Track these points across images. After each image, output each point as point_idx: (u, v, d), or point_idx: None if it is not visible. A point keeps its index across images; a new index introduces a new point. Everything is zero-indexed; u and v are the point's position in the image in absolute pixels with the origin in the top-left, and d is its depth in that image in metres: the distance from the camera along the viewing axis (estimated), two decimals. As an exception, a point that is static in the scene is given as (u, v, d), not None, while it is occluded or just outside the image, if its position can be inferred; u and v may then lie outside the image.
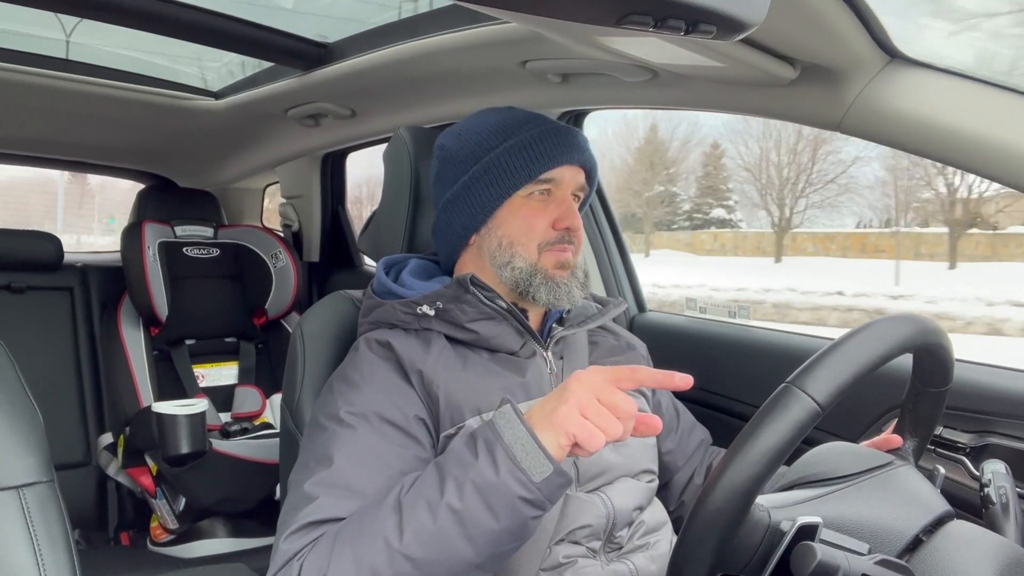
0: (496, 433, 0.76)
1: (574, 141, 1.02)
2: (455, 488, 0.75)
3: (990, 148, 0.93)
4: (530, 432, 0.74)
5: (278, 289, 2.42)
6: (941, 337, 0.77)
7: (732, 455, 0.63)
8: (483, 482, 0.74)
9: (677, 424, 1.20)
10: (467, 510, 0.74)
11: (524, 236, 0.99)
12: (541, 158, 0.99)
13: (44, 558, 0.71)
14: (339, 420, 0.89)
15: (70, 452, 2.13)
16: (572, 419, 0.73)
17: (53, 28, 1.70)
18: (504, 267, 1.00)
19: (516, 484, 0.73)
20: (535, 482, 0.73)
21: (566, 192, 1.02)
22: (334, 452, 0.86)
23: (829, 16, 0.93)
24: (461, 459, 0.76)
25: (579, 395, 0.75)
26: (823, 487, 0.75)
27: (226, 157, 2.49)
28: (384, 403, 0.90)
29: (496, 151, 1.00)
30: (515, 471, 0.73)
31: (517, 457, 0.73)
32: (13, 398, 0.78)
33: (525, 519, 0.75)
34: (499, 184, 0.99)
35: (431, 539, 0.74)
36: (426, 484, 0.77)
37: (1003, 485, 0.83)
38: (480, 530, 0.74)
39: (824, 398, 0.64)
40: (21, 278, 2.18)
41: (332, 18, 1.65)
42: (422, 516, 0.75)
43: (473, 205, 1.01)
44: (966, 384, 1.09)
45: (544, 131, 1.01)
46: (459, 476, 0.75)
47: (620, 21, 0.58)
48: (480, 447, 0.76)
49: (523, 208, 1.00)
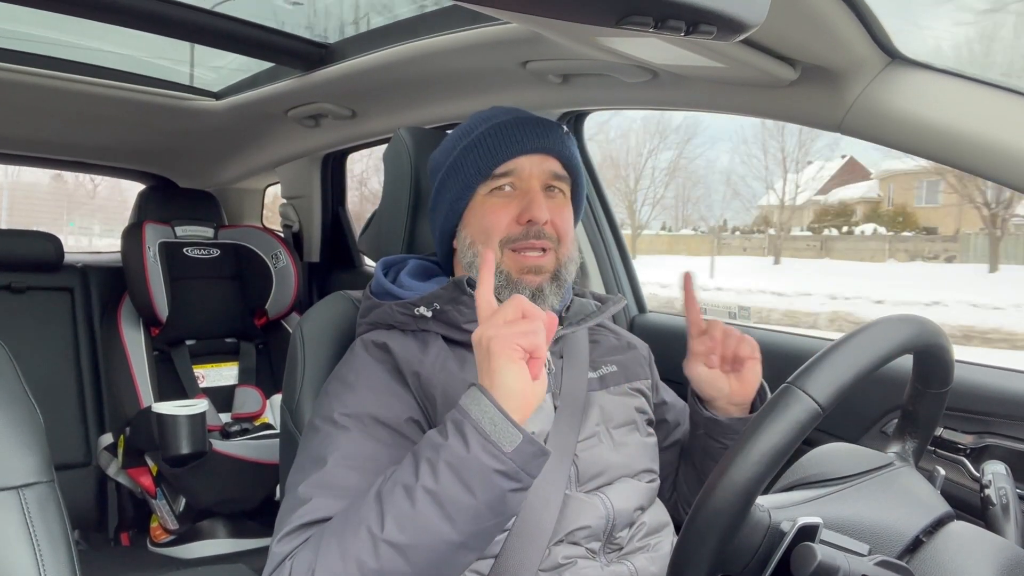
0: (464, 412, 0.76)
1: (530, 129, 1.00)
2: (429, 469, 0.75)
3: (990, 148, 0.93)
4: (496, 405, 0.75)
5: (278, 289, 2.42)
6: (941, 338, 0.77)
7: (732, 455, 0.63)
8: (455, 459, 0.74)
9: (685, 417, 1.19)
10: (443, 489, 0.74)
11: (485, 235, 0.99)
12: (491, 152, 0.98)
13: (44, 558, 0.71)
14: (333, 422, 0.90)
15: (70, 452, 2.13)
16: (502, 337, 0.76)
17: (53, 28, 1.70)
18: (470, 267, 1.00)
19: (487, 457, 0.73)
20: (506, 452, 0.73)
21: (530, 183, 0.99)
22: (327, 454, 0.86)
23: (829, 17, 0.93)
24: (432, 442, 0.77)
25: (486, 333, 0.77)
26: (823, 488, 0.75)
27: (226, 158, 2.50)
28: (378, 405, 0.91)
29: (455, 152, 1.01)
30: (485, 444, 0.74)
31: (486, 431, 0.74)
32: (13, 398, 0.78)
33: (503, 492, 0.75)
34: (458, 185, 1.01)
35: (411, 523, 0.74)
36: (402, 471, 0.78)
37: (1003, 486, 0.83)
38: (458, 507, 0.74)
39: (825, 399, 0.64)
40: (21, 278, 2.18)
41: (332, 18, 1.65)
42: (400, 502, 0.75)
43: (443, 209, 1.03)
44: (966, 385, 1.09)
45: (497, 125, 1.00)
46: (431, 457, 0.76)
47: (620, 22, 0.58)
48: (449, 428, 0.77)
49: (484, 206, 1.00)
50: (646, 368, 1.15)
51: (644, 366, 1.15)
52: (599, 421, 1.01)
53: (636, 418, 1.05)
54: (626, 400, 1.06)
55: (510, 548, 0.87)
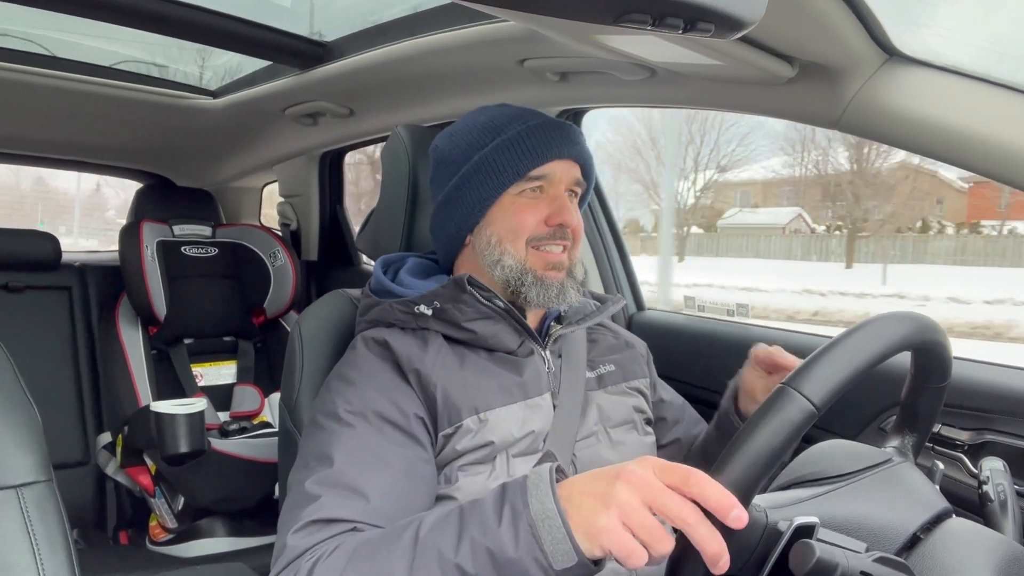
0: (525, 502, 0.69)
1: (565, 135, 1.01)
2: (470, 550, 0.69)
3: (988, 145, 0.94)
4: (560, 515, 0.66)
5: (276, 288, 2.42)
6: (938, 334, 0.77)
7: (728, 457, 0.63)
8: (499, 553, 0.68)
9: (683, 415, 1.20)
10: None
11: (513, 233, 0.99)
12: (529, 154, 0.98)
13: (43, 557, 0.71)
14: (338, 418, 0.89)
15: (69, 451, 2.13)
16: (612, 532, 0.63)
17: (50, 27, 1.70)
18: (494, 265, 0.99)
19: (533, 566, 0.66)
20: (555, 569, 0.66)
21: (559, 188, 1.01)
22: (334, 451, 0.86)
23: (827, 14, 0.93)
24: (483, 521, 0.70)
25: (626, 498, 0.64)
26: (821, 486, 0.75)
27: (224, 156, 2.49)
28: (382, 402, 0.90)
29: (485, 149, 0.99)
30: (536, 552, 0.66)
31: (541, 537, 0.66)
32: (11, 397, 0.78)
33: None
34: (489, 183, 0.99)
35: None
36: (444, 533, 0.72)
37: (1001, 482, 0.83)
38: None
39: (820, 399, 0.64)
40: (19, 277, 2.18)
41: (330, 16, 1.65)
42: (431, 568, 0.70)
43: (465, 205, 1.01)
44: (964, 382, 1.09)
45: (533, 126, 1.00)
46: (476, 539, 0.69)
47: (618, 19, 0.58)
48: (505, 513, 0.69)
49: (513, 205, 0.99)
50: (644, 367, 1.15)
51: (642, 365, 1.15)
52: (597, 420, 1.01)
53: (634, 417, 1.06)
54: (624, 399, 1.06)
55: None
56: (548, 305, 1.00)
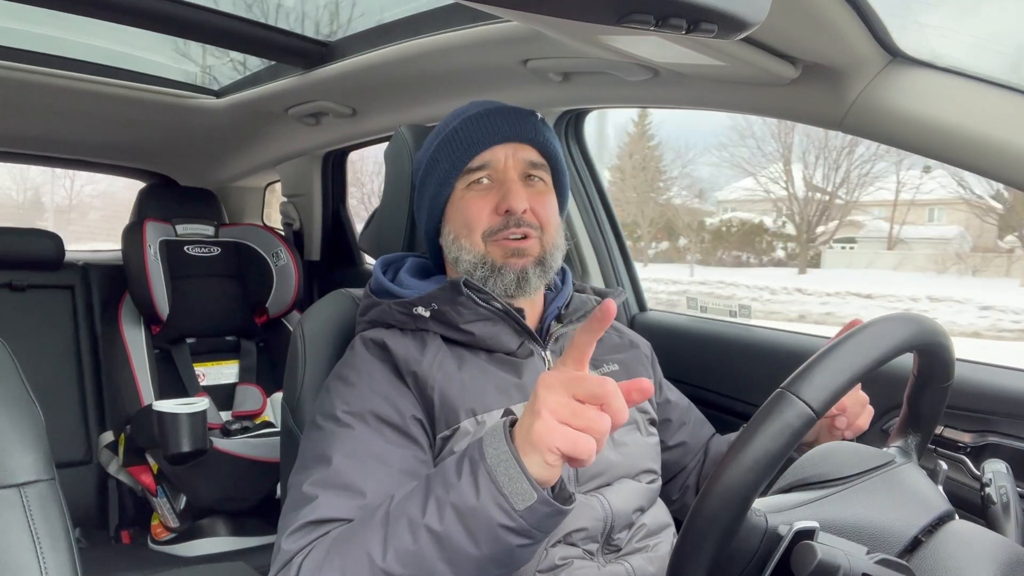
0: (481, 452, 0.70)
1: (503, 119, 1.00)
2: (436, 509, 0.71)
3: (991, 147, 0.93)
4: (514, 454, 0.67)
5: (279, 288, 2.42)
6: (939, 335, 0.77)
7: (727, 461, 0.63)
8: (463, 506, 0.69)
9: (689, 417, 1.20)
10: (447, 534, 0.70)
11: (466, 228, 0.99)
12: (464, 145, 0.98)
13: (45, 556, 0.71)
14: (336, 419, 0.89)
15: (71, 450, 2.13)
16: (549, 431, 0.65)
17: (53, 26, 1.70)
18: (456, 262, 1.00)
19: (497, 511, 0.68)
20: (517, 510, 0.67)
21: (506, 174, 0.99)
22: (332, 452, 0.86)
23: (830, 15, 0.93)
24: (445, 478, 0.72)
25: (548, 401, 0.66)
26: (822, 489, 0.75)
27: (227, 156, 2.50)
28: (380, 403, 0.90)
29: (431, 150, 1.02)
30: (497, 496, 0.67)
31: (499, 482, 0.68)
32: (14, 396, 0.78)
33: (510, 547, 0.69)
34: (435, 182, 1.01)
35: (411, 560, 0.71)
36: (411, 501, 0.74)
37: (1004, 485, 0.83)
38: (460, 555, 0.70)
39: (819, 404, 0.64)
40: (22, 276, 2.18)
41: (333, 15, 1.65)
42: (403, 535, 0.71)
43: (424, 208, 1.04)
44: (967, 384, 1.09)
45: (468, 118, 1.00)
46: (441, 496, 0.71)
47: (621, 20, 0.58)
48: (464, 467, 0.71)
49: (463, 200, 1.00)
50: (648, 367, 1.15)
51: (646, 365, 1.14)
52: None
53: (637, 418, 1.05)
54: (627, 399, 1.06)
55: None
56: (511, 294, 0.98)
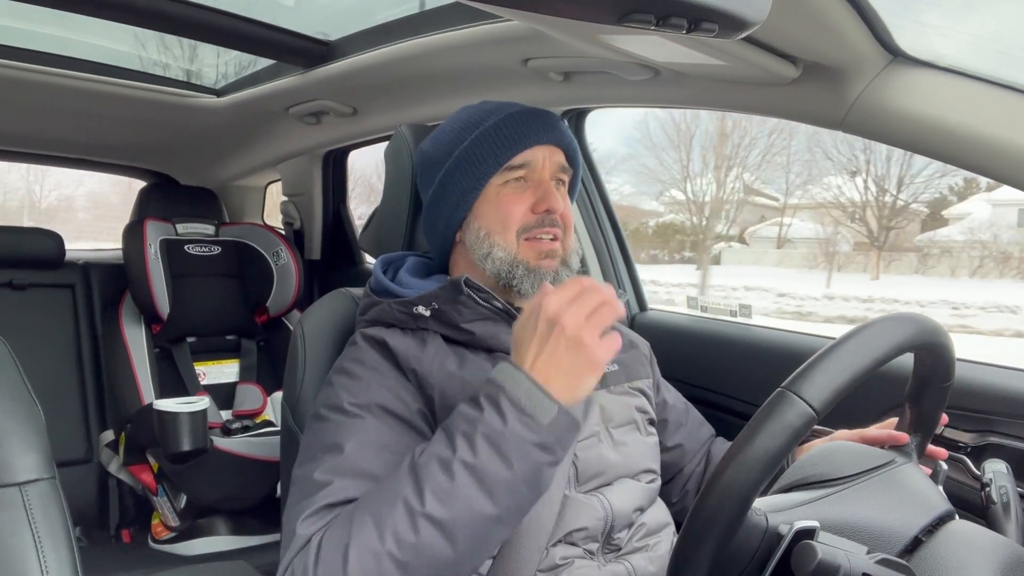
0: (497, 385, 0.76)
1: (543, 122, 1.01)
2: (466, 443, 0.74)
3: (992, 147, 0.93)
4: (529, 378, 0.75)
5: (279, 287, 2.42)
6: (939, 335, 0.77)
7: (728, 461, 0.63)
8: (492, 432, 0.74)
9: (687, 418, 1.19)
10: (481, 463, 0.73)
11: (500, 225, 0.98)
12: (507, 142, 0.98)
13: (46, 555, 0.71)
14: (344, 411, 0.89)
15: (72, 449, 2.13)
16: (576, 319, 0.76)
17: (54, 24, 1.70)
18: (485, 259, 0.99)
19: (524, 429, 0.73)
20: (543, 425, 0.74)
21: (542, 175, 1.00)
22: (343, 440, 0.85)
23: (831, 15, 0.93)
24: (467, 416, 0.76)
25: (549, 310, 0.77)
26: (822, 489, 0.75)
27: (228, 155, 2.50)
28: (386, 396, 0.90)
29: (464, 144, 1.00)
30: (522, 417, 0.74)
31: (521, 403, 0.74)
32: (15, 395, 0.78)
33: (539, 466, 0.75)
34: (470, 176, 0.99)
35: (450, 497, 0.73)
36: (437, 445, 0.77)
37: (1004, 485, 0.83)
38: (496, 481, 0.73)
39: (820, 403, 0.64)
40: (23, 275, 2.18)
41: (334, 15, 1.65)
42: (437, 475, 0.74)
43: (450, 202, 1.01)
44: (967, 384, 1.09)
45: (509, 115, 1.00)
46: (467, 431, 0.75)
47: (622, 19, 0.58)
48: (484, 401, 0.76)
49: (498, 197, 0.99)
50: (647, 367, 1.15)
51: (645, 365, 1.14)
52: (599, 420, 1.00)
53: (637, 417, 1.05)
54: (627, 399, 1.06)
55: (509, 549, 0.87)
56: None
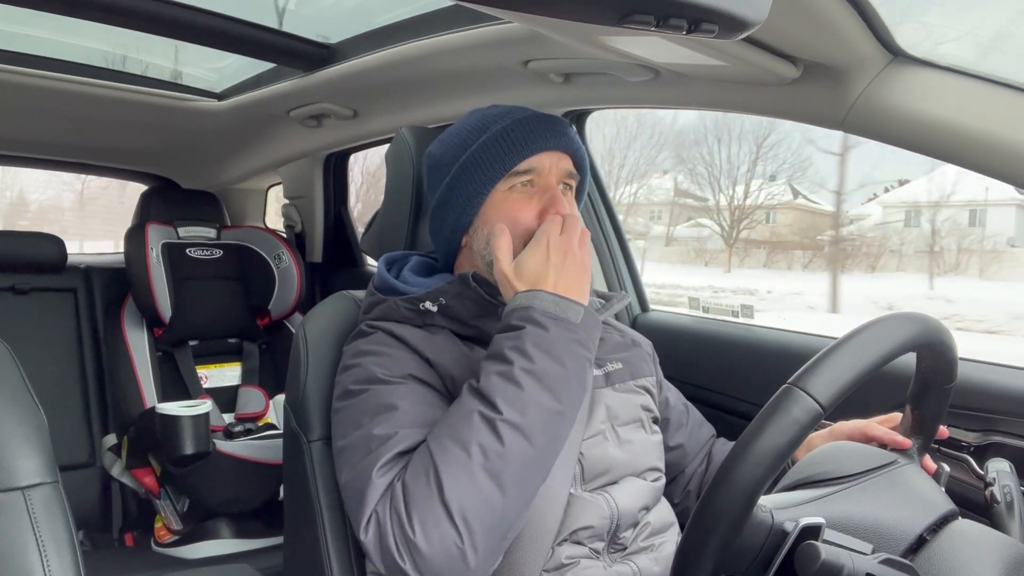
0: (524, 307, 0.85)
1: (551, 127, 1.00)
2: (519, 354, 0.82)
3: (993, 146, 0.93)
4: (551, 293, 0.86)
5: (281, 290, 2.42)
6: (944, 335, 0.77)
7: (734, 457, 0.63)
8: (539, 340, 0.83)
9: (687, 419, 1.19)
10: (538, 367, 0.81)
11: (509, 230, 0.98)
12: (515, 147, 0.97)
13: (49, 559, 0.71)
14: (382, 380, 0.90)
15: (74, 453, 2.13)
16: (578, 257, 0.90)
17: (55, 29, 1.71)
18: (491, 264, 0.98)
19: (564, 331, 0.84)
20: (577, 324, 0.85)
21: (549, 180, 0.99)
22: (396, 400, 0.88)
23: (831, 15, 0.93)
24: (508, 338, 0.85)
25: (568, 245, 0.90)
26: (827, 487, 0.75)
27: (229, 158, 2.50)
28: (417, 368, 0.92)
29: (472, 148, 0.99)
30: (558, 322, 0.84)
31: (554, 312, 0.84)
32: (17, 399, 0.78)
33: (583, 361, 0.85)
34: (477, 181, 0.98)
35: (521, 402, 0.80)
36: (491, 366, 0.84)
37: (1007, 484, 0.83)
38: (555, 379, 0.82)
39: (826, 399, 0.64)
40: (25, 279, 2.19)
41: (335, 18, 1.65)
42: (504, 388, 0.81)
43: (457, 205, 1.00)
44: (971, 383, 1.09)
45: (517, 120, 0.99)
46: (517, 345, 0.83)
47: (622, 20, 0.58)
48: (519, 321, 0.85)
49: (505, 202, 0.98)
50: (651, 365, 1.15)
51: (649, 363, 1.14)
52: (605, 419, 1.00)
53: (642, 416, 1.05)
54: (632, 397, 1.06)
55: (515, 547, 0.87)
56: None
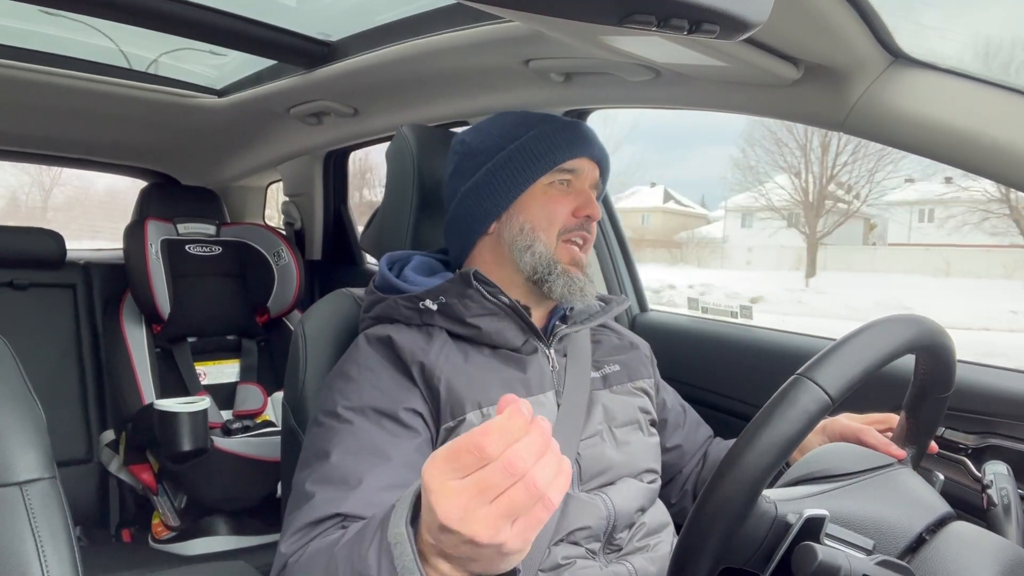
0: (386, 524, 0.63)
1: (592, 137, 1.07)
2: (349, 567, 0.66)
3: (993, 148, 0.93)
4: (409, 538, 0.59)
5: (280, 287, 2.42)
6: (946, 339, 0.78)
7: (742, 444, 0.63)
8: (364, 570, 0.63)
9: (685, 420, 1.20)
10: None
11: (546, 222, 1.02)
12: (562, 147, 1.02)
13: (46, 554, 0.71)
14: (336, 416, 0.90)
15: (72, 449, 2.13)
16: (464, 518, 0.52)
17: (55, 25, 1.70)
18: (524, 251, 1.01)
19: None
20: None
21: (584, 183, 1.04)
22: (331, 447, 0.87)
23: (832, 16, 0.93)
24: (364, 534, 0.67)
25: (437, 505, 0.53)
26: (828, 483, 0.75)
27: (229, 155, 2.50)
28: (380, 397, 0.91)
29: (519, 140, 1.03)
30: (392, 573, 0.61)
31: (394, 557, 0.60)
32: (16, 395, 0.78)
33: None
34: (523, 171, 1.02)
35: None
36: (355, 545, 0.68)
37: (1004, 486, 0.83)
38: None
39: (835, 390, 0.64)
40: (24, 275, 2.18)
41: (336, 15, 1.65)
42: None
43: (496, 192, 1.03)
44: (968, 385, 1.09)
45: (563, 124, 1.05)
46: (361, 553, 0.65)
47: (623, 20, 0.58)
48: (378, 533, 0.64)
49: (544, 195, 1.02)
50: (648, 367, 1.15)
51: (647, 365, 1.15)
52: (602, 420, 1.01)
53: (639, 417, 1.06)
54: (629, 399, 1.06)
55: None
56: (569, 300, 1.02)
